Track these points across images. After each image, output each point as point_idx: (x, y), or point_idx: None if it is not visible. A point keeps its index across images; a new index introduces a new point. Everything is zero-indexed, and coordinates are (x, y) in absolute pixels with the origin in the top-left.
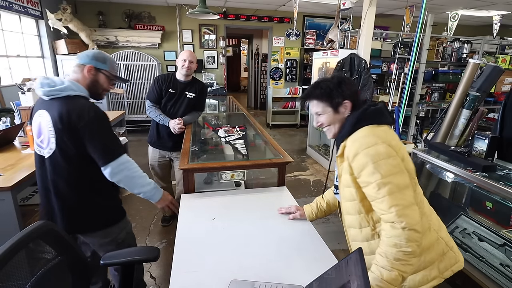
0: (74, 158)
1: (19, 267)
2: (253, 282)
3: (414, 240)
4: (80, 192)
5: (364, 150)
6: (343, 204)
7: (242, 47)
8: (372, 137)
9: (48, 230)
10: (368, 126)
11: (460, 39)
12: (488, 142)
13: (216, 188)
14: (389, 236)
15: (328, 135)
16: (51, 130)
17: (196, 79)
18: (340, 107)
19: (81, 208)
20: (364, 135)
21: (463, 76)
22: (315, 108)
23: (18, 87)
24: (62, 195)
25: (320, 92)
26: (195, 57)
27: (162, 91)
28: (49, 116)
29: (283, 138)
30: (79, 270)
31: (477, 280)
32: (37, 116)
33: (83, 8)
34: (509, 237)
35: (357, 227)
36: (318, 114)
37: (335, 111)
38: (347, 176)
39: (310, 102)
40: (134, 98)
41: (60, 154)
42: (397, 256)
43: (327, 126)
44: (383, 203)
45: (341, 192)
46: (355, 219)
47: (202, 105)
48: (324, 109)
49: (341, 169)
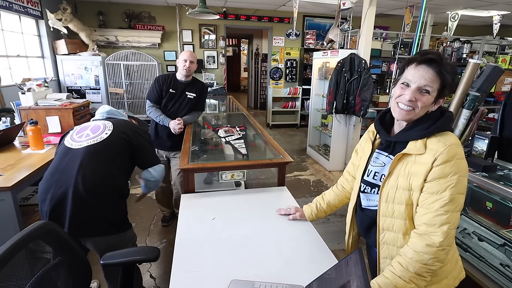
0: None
1: (19, 267)
2: (253, 282)
3: (441, 261)
4: (103, 192)
5: (457, 160)
6: (386, 206)
7: (242, 47)
8: (462, 149)
9: (48, 230)
10: (452, 133)
11: (460, 39)
12: (488, 142)
13: (216, 188)
14: (419, 250)
15: (404, 116)
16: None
17: (196, 79)
18: (440, 99)
19: (99, 209)
20: (458, 144)
21: (463, 76)
22: (428, 82)
23: (18, 87)
24: (82, 191)
25: (449, 70)
26: (196, 57)
27: (162, 91)
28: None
29: (283, 138)
30: (79, 270)
31: (477, 280)
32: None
33: (83, 8)
34: (509, 237)
35: (400, 233)
36: (424, 91)
37: (436, 99)
38: (418, 180)
39: (424, 68)
40: (134, 98)
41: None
42: (419, 272)
43: (416, 109)
44: (439, 217)
45: (388, 193)
46: (401, 224)
47: (203, 105)
48: (433, 89)
49: (403, 167)
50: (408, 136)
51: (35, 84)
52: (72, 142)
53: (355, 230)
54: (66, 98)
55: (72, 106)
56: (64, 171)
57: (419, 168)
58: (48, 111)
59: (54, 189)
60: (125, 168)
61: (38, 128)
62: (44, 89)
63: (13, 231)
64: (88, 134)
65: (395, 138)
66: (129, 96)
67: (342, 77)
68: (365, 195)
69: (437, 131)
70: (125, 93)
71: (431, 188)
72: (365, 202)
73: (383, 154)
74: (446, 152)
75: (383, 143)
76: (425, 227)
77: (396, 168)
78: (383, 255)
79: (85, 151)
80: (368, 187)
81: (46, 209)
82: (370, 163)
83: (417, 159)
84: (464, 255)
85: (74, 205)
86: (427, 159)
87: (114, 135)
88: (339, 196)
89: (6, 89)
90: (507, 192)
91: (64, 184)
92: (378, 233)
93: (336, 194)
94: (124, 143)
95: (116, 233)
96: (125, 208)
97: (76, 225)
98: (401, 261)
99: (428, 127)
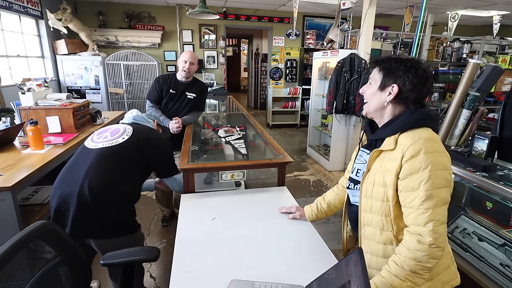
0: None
1: (19, 267)
2: (253, 282)
3: (436, 257)
4: (107, 195)
5: (427, 154)
6: (366, 201)
7: (242, 47)
8: (438, 144)
9: (48, 230)
10: (429, 129)
11: (460, 39)
12: (488, 142)
13: (216, 188)
14: (412, 249)
15: (364, 110)
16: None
17: (196, 79)
18: (388, 87)
19: (106, 211)
20: (430, 138)
21: (463, 76)
22: (372, 74)
23: (18, 87)
24: (87, 192)
25: (385, 60)
26: (196, 58)
27: (162, 91)
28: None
29: (283, 138)
30: (79, 270)
31: (477, 280)
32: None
33: (83, 8)
34: (509, 237)
35: (377, 228)
36: (369, 83)
37: (380, 88)
38: (390, 176)
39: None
40: (134, 98)
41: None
42: (414, 269)
43: (368, 101)
44: (421, 215)
45: (367, 189)
46: (378, 219)
47: (203, 105)
48: (374, 80)
49: (380, 164)
50: (385, 133)
51: (35, 84)
52: (90, 142)
53: (348, 226)
54: (66, 98)
55: (72, 106)
56: (75, 171)
57: (391, 165)
58: (48, 111)
59: (64, 187)
60: (133, 174)
61: (38, 128)
62: (44, 89)
63: (13, 231)
64: (107, 136)
65: (374, 136)
66: (129, 96)
67: (342, 77)
68: (350, 191)
69: (409, 127)
70: (125, 93)
71: (406, 186)
72: (352, 199)
73: (365, 152)
74: (412, 147)
75: (367, 142)
76: (414, 227)
77: (374, 164)
78: (364, 249)
79: (97, 152)
80: (352, 183)
81: (54, 205)
82: (355, 160)
83: (391, 155)
84: (464, 255)
85: (78, 205)
86: (397, 155)
87: (130, 141)
88: (339, 196)
89: (6, 89)
90: (507, 192)
91: (72, 183)
92: (360, 227)
93: (336, 193)
94: (136, 150)
95: (121, 236)
96: (132, 211)
97: (78, 225)
98: (396, 260)
99: (399, 123)
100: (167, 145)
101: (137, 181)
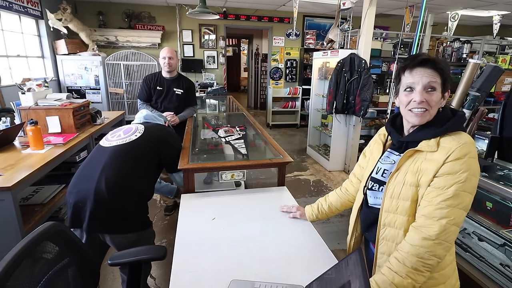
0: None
1: (30, 269)
2: (253, 282)
3: (439, 256)
4: (122, 191)
5: (469, 159)
6: (391, 201)
7: (242, 47)
8: (475, 148)
9: (57, 231)
10: (467, 134)
11: (460, 39)
12: (488, 142)
13: (216, 188)
14: (415, 244)
15: (420, 119)
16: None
17: (181, 75)
18: (445, 93)
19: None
20: (472, 143)
21: (463, 76)
22: (430, 78)
23: (18, 87)
24: (104, 189)
25: (443, 64)
26: (175, 52)
27: (150, 89)
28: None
29: (283, 138)
30: (88, 270)
31: (477, 280)
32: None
33: (83, 8)
34: (509, 237)
35: (401, 229)
36: (431, 90)
37: (442, 93)
38: (427, 176)
39: (420, 69)
40: (134, 98)
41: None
42: (415, 266)
43: (429, 109)
44: (439, 210)
45: (394, 189)
46: (403, 220)
47: (194, 100)
48: (438, 84)
49: (412, 164)
50: (421, 136)
51: (35, 84)
52: (105, 141)
53: (358, 231)
54: (66, 98)
55: (72, 106)
56: (91, 168)
57: (430, 165)
58: (48, 111)
59: (81, 184)
60: (147, 171)
61: (38, 128)
62: (44, 89)
63: (13, 231)
64: (120, 135)
65: (407, 139)
66: (129, 96)
67: (342, 77)
68: (372, 192)
69: (451, 130)
70: (125, 93)
71: (437, 183)
72: (372, 200)
73: (394, 154)
74: (459, 149)
75: (395, 144)
76: (423, 219)
77: (405, 164)
78: (381, 250)
79: (113, 150)
80: (376, 184)
81: (71, 201)
82: (380, 161)
83: (428, 156)
84: (464, 255)
85: (95, 201)
86: (439, 157)
87: (143, 138)
88: (342, 199)
89: (6, 89)
90: (507, 192)
91: (89, 180)
92: (378, 228)
93: (339, 196)
94: (148, 146)
95: (134, 232)
96: (145, 208)
97: (95, 220)
98: (397, 256)
99: (441, 126)
100: (178, 141)
101: (151, 177)
